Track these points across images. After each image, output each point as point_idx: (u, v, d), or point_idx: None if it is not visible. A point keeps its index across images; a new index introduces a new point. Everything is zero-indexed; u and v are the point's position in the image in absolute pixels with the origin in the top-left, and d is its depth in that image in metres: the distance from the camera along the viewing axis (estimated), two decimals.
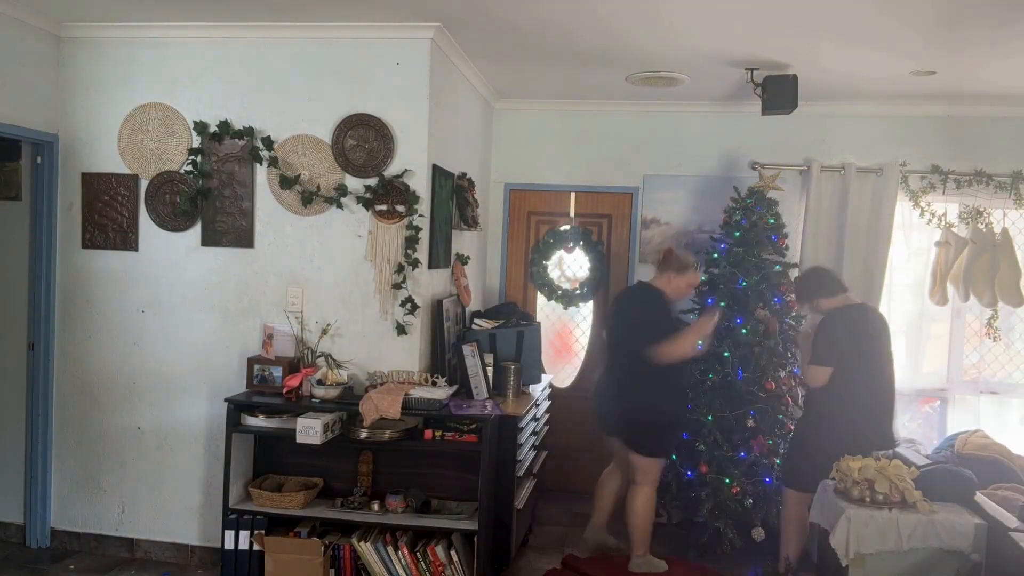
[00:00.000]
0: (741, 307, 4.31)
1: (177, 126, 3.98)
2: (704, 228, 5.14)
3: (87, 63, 4.04)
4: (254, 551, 3.64)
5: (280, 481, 3.85)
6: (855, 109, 4.97)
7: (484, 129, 5.22)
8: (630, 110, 5.26)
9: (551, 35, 3.81)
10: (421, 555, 3.58)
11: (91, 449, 4.12)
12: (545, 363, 4.83)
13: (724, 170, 5.16)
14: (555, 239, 5.39)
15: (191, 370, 4.02)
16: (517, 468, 3.90)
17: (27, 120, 3.87)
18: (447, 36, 3.89)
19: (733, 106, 5.04)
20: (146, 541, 4.11)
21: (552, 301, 5.41)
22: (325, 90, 3.86)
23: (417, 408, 3.54)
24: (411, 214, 3.81)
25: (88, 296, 4.09)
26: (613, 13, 3.45)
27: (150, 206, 4.01)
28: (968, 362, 5.11)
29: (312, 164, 3.88)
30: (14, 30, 3.78)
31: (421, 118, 3.81)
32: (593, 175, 5.37)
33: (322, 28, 3.81)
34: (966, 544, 3.17)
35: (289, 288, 3.93)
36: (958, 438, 4.36)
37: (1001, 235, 4.72)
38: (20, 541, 4.17)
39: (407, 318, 3.83)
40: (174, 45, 3.97)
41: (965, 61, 3.92)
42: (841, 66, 4.12)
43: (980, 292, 4.71)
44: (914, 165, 4.90)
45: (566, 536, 4.61)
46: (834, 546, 3.33)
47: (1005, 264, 4.67)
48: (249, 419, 3.69)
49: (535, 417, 4.37)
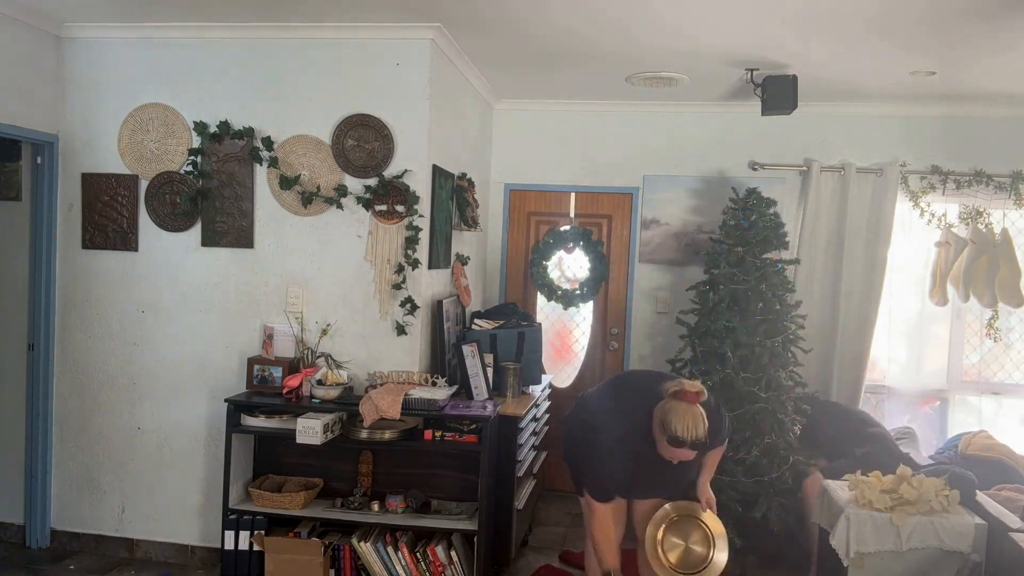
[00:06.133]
0: (741, 307, 4.31)
1: (177, 126, 3.98)
2: (704, 228, 5.14)
3: (87, 63, 4.04)
4: (254, 551, 3.64)
5: (280, 481, 3.85)
6: (855, 109, 4.97)
7: (484, 129, 5.22)
8: (630, 110, 5.26)
9: (551, 35, 3.81)
10: (421, 555, 3.58)
11: (91, 449, 4.12)
12: (545, 363, 4.82)
13: (724, 170, 5.16)
14: (555, 239, 5.38)
15: (191, 370, 4.02)
16: (517, 468, 3.90)
17: (27, 120, 3.88)
18: (447, 36, 3.89)
19: (733, 106, 5.04)
20: (146, 541, 4.11)
21: (552, 301, 5.40)
22: (325, 90, 3.86)
23: (417, 408, 3.54)
24: (411, 214, 3.81)
25: (88, 296, 4.09)
26: (613, 13, 3.45)
27: (150, 206, 4.01)
28: (968, 363, 5.11)
29: (312, 164, 3.88)
30: (14, 30, 3.78)
31: (421, 118, 3.81)
32: (593, 175, 5.37)
33: (322, 28, 3.81)
34: (966, 544, 3.17)
35: (289, 288, 3.93)
36: (962, 439, 4.36)
37: (1001, 235, 4.72)
38: (20, 541, 4.17)
39: (407, 318, 3.83)
40: (174, 45, 3.97)
41: (965, 61, 3.92)
42: (841, 66, 4.12)
43: (980, 292, 4.71)
44: (914, 165, 4.90)
45: (566, 536, 4.61)
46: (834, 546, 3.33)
47: (1005, 264, 4.66)
48: (249, 419, 3.69)
49: (535, 417, 4.37)
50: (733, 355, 4.23)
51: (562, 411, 5.22)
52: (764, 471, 4.18)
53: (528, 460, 4.18)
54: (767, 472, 4.18)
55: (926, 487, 3.29)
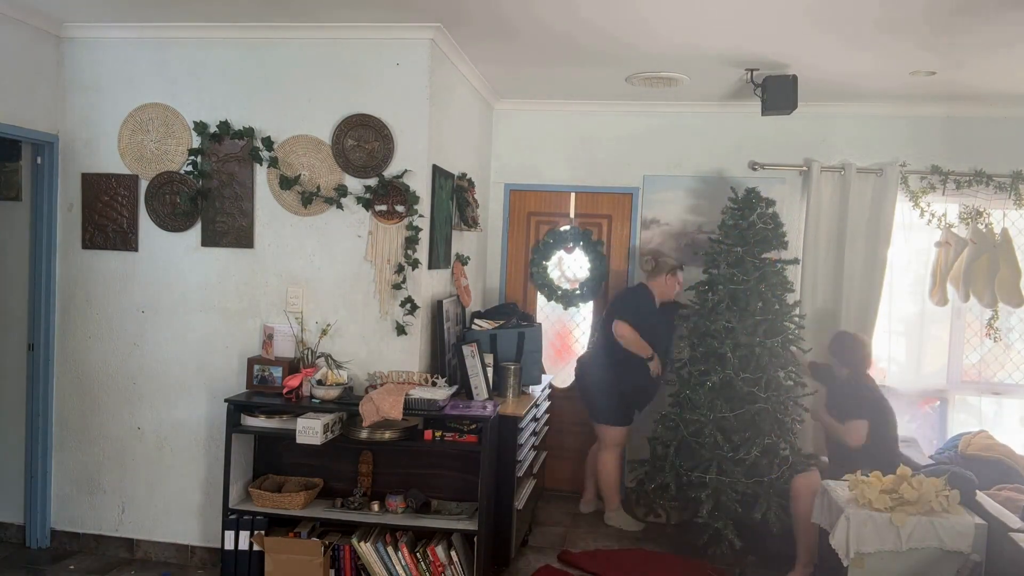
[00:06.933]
0: (740, 307, 4.31)
1: (177, 126, 3.98)
2: (704, 228, 5.14)
3: (87, 63, 4.04)
4: (254, 551, 3.64)
5: (280, 481, 3.85)
6: (855, 109, 4.97)
7: (484, 129, 5.22)
8: (630, 110, 5.26)
9: (551, 35, 3.81)
10: (421, 555, 3.58)
11: (91, 449, 4.12)
12: (545, 363, 4.83)
13: (724, 170, 5.16)
14: (555, 239, 5.39)
15: (191, 370, 4.02)
16: (517, 468, 3.90)
17: (27, 120, 3.88)
18: (447, 36, 3.89)
19: (733, 106, 5.04)
20: (146, 541, 4.11)
21: (552, 301, 5.41)
22: (325, 90, 3.86)
23: (417, 408, 3.54)
24: (411, 214, 3.81)
25: (88, 296, 4.09)
26: (613, 13, 3.45)
27: (150, 206, 4.01)
28: (968, 363, 5.11)
29: (312, 164, 3.88)
30: (14, 30, 3.78)
31: (421, 118, 3.81)
32: (593, 175, 5.37)
33: (322, 28, 3.81)
34: (966, 544, 3.17)
35: (289, 288, 3.93)
36: (962, 439, 4.36)
37: (1001, 235, 4.72)
38: (20, 541, 4.17)
39: (407, 318, 3.83)
40: (174, 45, 3.97)
41: (965, 61, 3.92)
42: (841, 66, 4.12)
43: (980, 292, 4.71)
44: (914, 165, 4.90)
45: (566, 536, 4.61)
46: (834, 546, 3.34)
47: (1005, 264, 4.66)
48: (249, 419, 3.69)
49: (535, 417, 4.37)
50: (733, 355, 4.23)
51: (562, 411, 5.28)
52: (764, 471, 4.18)
53: (528, 460, 4.18)
54: (767, 472, 4.18)
55: (926, 487, 3.29)
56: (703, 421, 4.26)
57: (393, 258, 3.83)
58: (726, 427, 4.24)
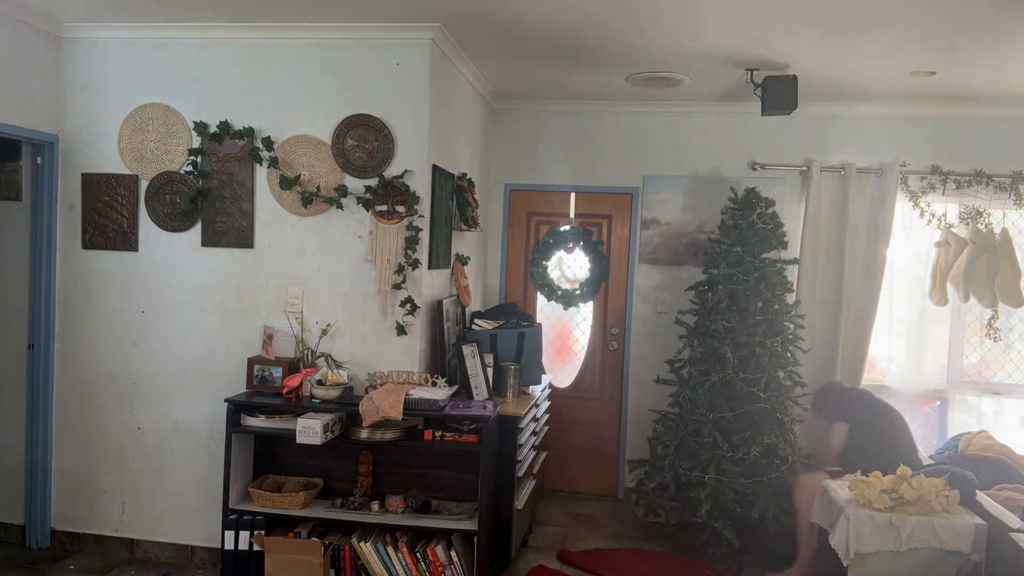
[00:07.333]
0: (740, 307, 4.31)
1: (177, 126, 3.98)
2: (704, 228, 5.14)
3: (87, 63, 4.04)
4: (254, 551, 3.64)
5: (280, 481, 3.85)
6: (855, 109, 4.97)
7: (484, 129, 5.22)
8: (630, 110, 5.26)
9: (551, 35, 3.81)
10: (421, 555, 3.58)
11: (91, 449, 4.12)
12: (545, 363, 4.83)
13: (724, 170, 5.16)
14: (555, 239, 5.39)
15: (191, 370, 4.02)
16: (517, 468, 3.90)
17: (27, 120, 3.88)
18: (447, 36, 3.89)
19: (733, 106, 5.04)
20: (146, 541, 4.11)
21: (552, 301, 5.41)
22: (325, 90, 3.86)
23: (417, 408, 3.54)
24: (411, 215, 3.81)
25: (88, 296, 4.09)
26: (613, 13, 3.45)
27: (150, 206, 4.01)
28: (968, 363, 5.11)
29: (312, 164, 3.88)
30: (14, 30, 3.78)
31: (421, 118, 3.81)
32: (593, 175, 5.37)
33: (322, 28, 3.81)
34: (966, 544, 3.17)
35: (289, 288, 3.93)
36: (962, 439, 4.36)
37: (1001, 235, 4.72)
38: (20, 541, 4.16)
39: (407, 318, 3.83)
40: (174, 45, 3.97)
41: (965, 61, 3.92)
42: (841, 66, 4.12)
43: (980, 292, 4.71)
44: (914, 165, 4.90)
45: (566, 536, 4.61)
46: (834, 546, 3.34)
47: (1005, 264, 4.66)
48: (249, 419, 3.69)
49: (535, 417, 4.37)
50: (733, 355, 4.23)
51: (562, 411, 5.27)
52: (763, 471, 4.18)
53: (528, 460, 4.18)
54: (766, 472, 4.18)
55: (926, 487, 3.29)
56: (703, 421, 4.27)
57: (393, 258, 3.83)
58: (725, 427, 4.24)
